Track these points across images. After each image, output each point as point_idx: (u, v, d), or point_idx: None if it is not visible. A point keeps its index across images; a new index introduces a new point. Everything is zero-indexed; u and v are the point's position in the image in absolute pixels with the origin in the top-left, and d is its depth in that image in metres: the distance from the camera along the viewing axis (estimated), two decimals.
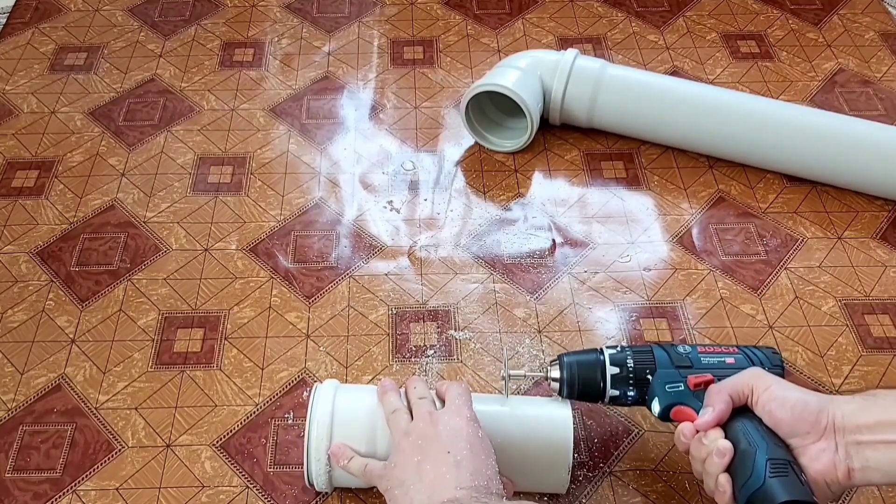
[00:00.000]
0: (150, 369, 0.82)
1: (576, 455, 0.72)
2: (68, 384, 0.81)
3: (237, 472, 0.75)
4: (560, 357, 0.70)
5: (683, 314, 0.87)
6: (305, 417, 0.68)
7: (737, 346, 0.68)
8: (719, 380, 0.64)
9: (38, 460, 0.75)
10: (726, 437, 0.60)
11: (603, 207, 0.98)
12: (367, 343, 0.84)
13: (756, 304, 0.88)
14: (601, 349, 0.69)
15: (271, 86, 1.14)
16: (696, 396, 0.64)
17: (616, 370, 0.67)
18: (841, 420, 0.57)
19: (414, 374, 0.82)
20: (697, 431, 0.62)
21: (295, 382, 0.81)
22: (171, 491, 0.73)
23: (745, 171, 1.01)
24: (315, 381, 0.80)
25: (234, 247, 0.93)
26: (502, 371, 0.70)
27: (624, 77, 1.02)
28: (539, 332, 0.85)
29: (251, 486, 0.74)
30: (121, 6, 1.27)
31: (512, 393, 0.71)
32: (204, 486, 0.74)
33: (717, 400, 0.61)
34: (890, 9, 1.26)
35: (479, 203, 0.98)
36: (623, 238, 0.94)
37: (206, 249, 0.93)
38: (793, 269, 0.91)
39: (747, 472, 0.57)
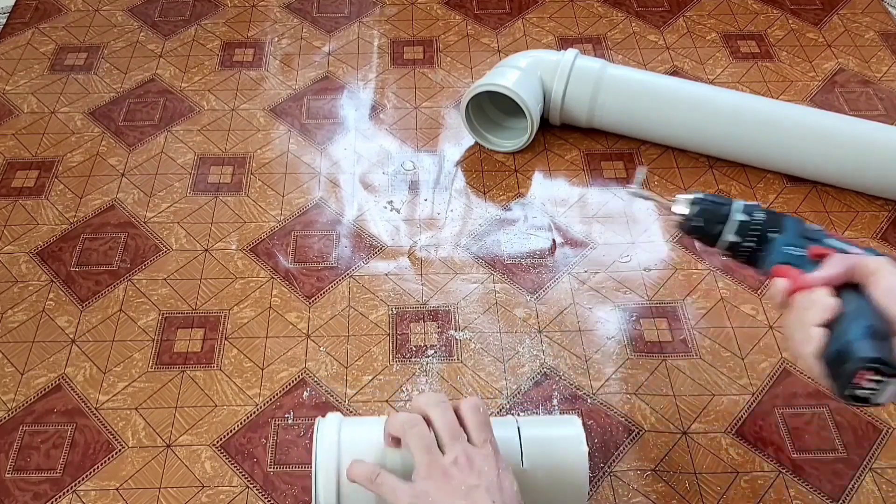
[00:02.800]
0: (150, 369, 0.82)
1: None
2: (68, 384, 0.81)
3: (237, 472, 0.75)
4: (693, 194, 0.67)
5: (684, 314, 0.87)
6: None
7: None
8: None
9: (39, 460, 0.75)
10: None
11: (603, 207, 0.98)
12: (367, 343, 0.84)
13: (756, 303, 0.88)
14: (734, 200, 0.67)
15: (271, 86, 1.14)
16: (813, 266, 0.61)
17: (745, 217, 0.65)
18: None
19: (414, 374, 0.82)
20: (799, 290, 0.59)
21: (295, 382, 0.81)
22: (171, 491, 0.73)
23: (745, 171, 1.01)
24: (314, 381, 0.81)
25: (234, 247, 0.93)
26: (631, 188, 0.70)
27: (624, 77, 1.02)
28: (539, 332, 0.85)
29: (251, 486, 0.74)
30: (121, 6, 1.27)
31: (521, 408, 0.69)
32: (204, 486, 0.74)
33: (836, 264, 0.58)
34: (890, 9, 1.26)
35: (479, 203, 0.98)
36: (623, 238, 0.94)
37: (206, 249, 0.93)
38: None
39: (845, 332, 0.54)
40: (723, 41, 1.20)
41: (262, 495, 0.73)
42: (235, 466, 0.75)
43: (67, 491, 0.73)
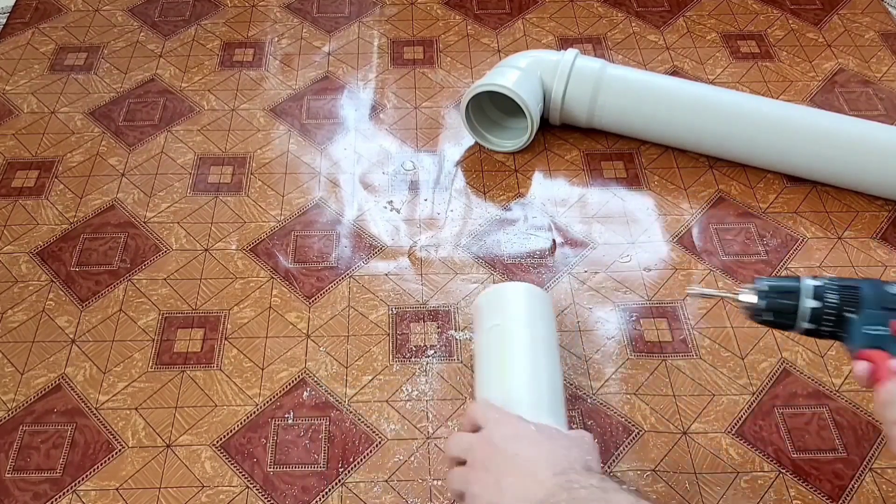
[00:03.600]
0: (150, 369, 0.82)
1: None
2: (68, 384, 0.81)
3: (237, 472, 0.75)
4: (756, 281, 0.66)
5: (683, 314, 0.87)
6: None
7: None
8: None
9: (38, 460, 0.75)
10: None
11: (603, 207, 0.98)
12: (367, 343, 0.84)
13: None
14: (801, 279, 0.65)
15: (271, 86, 1.14)
16: None
17: (816, 304, 0.63)
18: None
19: (414, 374, 0.82)
20: (889, 375, 0.57)
21: (295, 382, 0.81)
22: (171, 491, 0.73)
23: (745, 171, 1.01)
24: (314, 381, 0.81)
25: (234, 247, 0.93)
26: (689, 289, 0.76)
27: (624, 77, 1.02)
28: None
29: (251, 486, 0.74)
30: (121, 6, 1.27)
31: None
32: (204, 486, 0.74)
33: None
34: (890, 9, 1.26)
35: (479, 203, 0.98)
36: (623, 238, 0.94)
37: (206, 249, 0.93)
38: (793, 269, 0.91)
39: None
40: (723, 41, 1.20)
41: (262, 495, 0.73)
42: (235, 466, 0.75)
43: (67, 491, 0.73)
